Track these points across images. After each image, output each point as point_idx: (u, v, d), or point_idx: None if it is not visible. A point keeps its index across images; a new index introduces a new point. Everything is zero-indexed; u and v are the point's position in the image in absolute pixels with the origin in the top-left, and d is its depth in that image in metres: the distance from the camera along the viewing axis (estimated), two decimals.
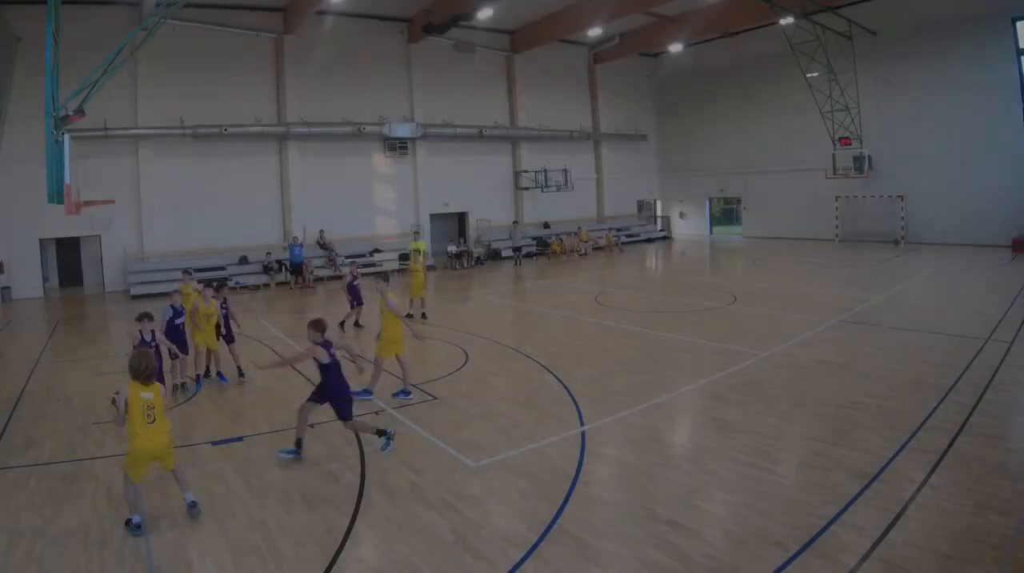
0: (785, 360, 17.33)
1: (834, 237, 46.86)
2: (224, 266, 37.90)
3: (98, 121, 33.31)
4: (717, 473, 10.65)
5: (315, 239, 40.50)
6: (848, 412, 13.10)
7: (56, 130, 17.96)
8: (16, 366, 20.33)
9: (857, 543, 8.30)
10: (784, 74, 47.20)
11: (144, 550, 8.95)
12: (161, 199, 37.44)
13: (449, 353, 19.87)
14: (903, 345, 18.45)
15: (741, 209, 55.87)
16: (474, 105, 48.09)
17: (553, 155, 51.00)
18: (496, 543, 8.84)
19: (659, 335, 20.67)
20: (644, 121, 59.21)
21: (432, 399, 15.42)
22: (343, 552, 8.79)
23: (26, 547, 9.06)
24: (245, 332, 20.95)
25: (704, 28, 46.40)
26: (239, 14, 38.60)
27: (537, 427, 13.19)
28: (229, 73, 39.09)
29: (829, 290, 28.26)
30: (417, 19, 43.18)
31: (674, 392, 15.12)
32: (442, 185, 46.69)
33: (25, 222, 33.67)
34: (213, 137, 37.96)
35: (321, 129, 40.81)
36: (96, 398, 16.11)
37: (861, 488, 9.76)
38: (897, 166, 43.80)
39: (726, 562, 8.09)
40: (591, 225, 53.31)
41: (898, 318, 22.02)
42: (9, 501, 10.54)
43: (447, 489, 10.55)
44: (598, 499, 10.07)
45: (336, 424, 12.69)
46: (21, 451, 12.82)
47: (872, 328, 20.72)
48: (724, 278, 34.80)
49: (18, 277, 34.97)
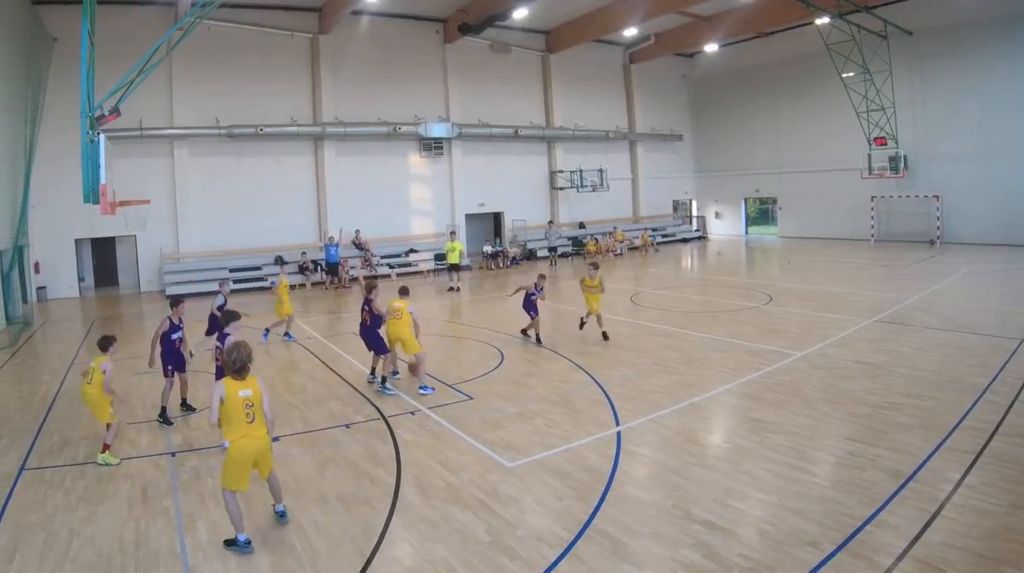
0: (821, 360, 17.29)
1: (870, 237, 46.60)
2: (259, 266, 38.19)
3: (134, 121, 33.81)
4: (752, 473, 10.63)
5: (351, 239, 40.63)
6: (884, 412, 13.06)
7: (92, 130, 17.97)
8: (52, 366, 20.56)
9: (893, 543, 8.28)
10: (819, 74, 47.17)
11: (179, 550, 9.00)
12: (196, 199, 37.82)
13: (485, 353, 19.97)
14: (939, 345, 18.32)
15: (776, 209, 55.64)
16: (509, 105, 48.19)
17: (588, 155, 51.07)
18: (531, 543, 8.84)
19: (695, 335, 20.65)
20: (679, 121, 59.13)
21: (468, 399, 15.47)
22: (378, 552, 8.81)
23: (62, 547, 9.13)
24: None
25: (739, 28, 46.34)
26: (275, 14, 38.94)
27: (573, 427, 13.21)
28: (264, 73, 39.38)
29: (865, 290, 28.09)
30: (453, 19, 43.45)
31: (710, 392, 15.10)
32: (478, 185, 46.84)
33: (61, 222, 34.07)
34: (249, 137, 38.29)
35: (357, 129, 41.00)
36: (132, 398, 16.24)
37: (897, 488, 9.74)
38: (933, 166, 43.64)
39: (761, 562, 8.08)
40: (627, 225, 53.39)
41: (934, 318, 21.86)
42: (45, 501, 10.64)
43: (482, 489, 10.57)
44: (633, 499, 10.03)
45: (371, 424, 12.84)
46: (57, 451, 12.95)
47: (908, 328, 20.62)
48: (759, 278, 34.59)
49: (54, 277, 35.36)
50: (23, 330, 26.56)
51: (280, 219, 40.08)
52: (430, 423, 13.82)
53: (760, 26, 47.38)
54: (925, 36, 42.86)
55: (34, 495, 10.86)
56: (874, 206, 46.48)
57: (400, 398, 15.59)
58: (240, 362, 8.99)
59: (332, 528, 9.50)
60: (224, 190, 38.58)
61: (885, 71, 42.70)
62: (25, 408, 15.99)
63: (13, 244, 28.75)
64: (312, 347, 21.69)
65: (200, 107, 37.44)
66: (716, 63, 56.74)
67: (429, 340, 22.28)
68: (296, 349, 21.49)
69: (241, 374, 9.01)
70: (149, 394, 16.50)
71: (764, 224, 58.96)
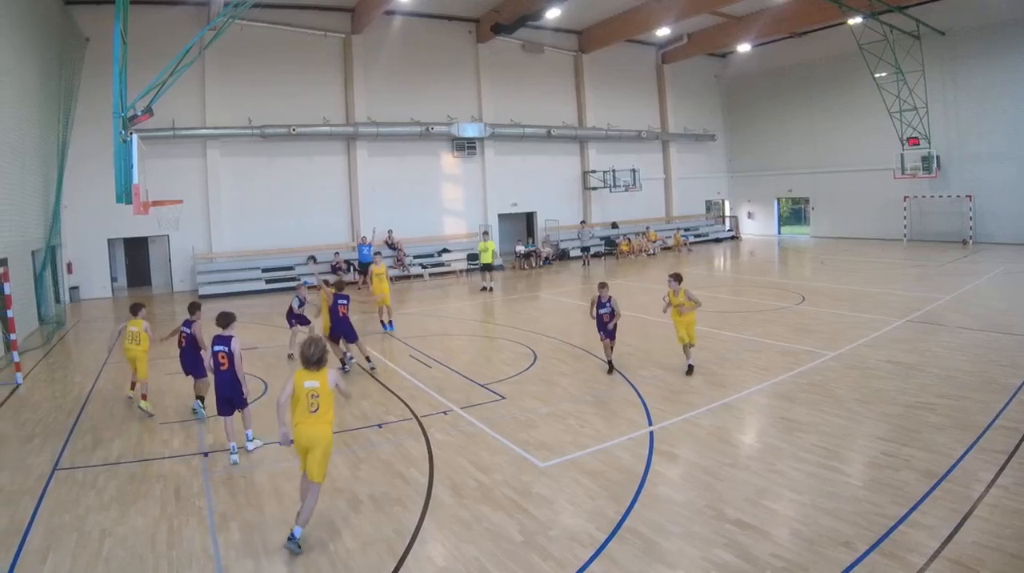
0: (853, 360, 17.27)
1: (902, 237, 46.43)
2: (292, 266, 38.36)
3: (166, 121, 34.22)
4: (785, 473, 10.67)
5: (383, 239, 40.76)
6: (916, 412, 13.07)
7: (124, 130, 18.10)
8: (85, 366, 20.76)
9: (925, 543, 8.30)
10: (852, 74, 47.09)
11: (212, 550, 9.08)
12: (229, 199, 38.13)
13: (517, 353, 20.05)
14: (972, 345, 18.28)
15: (809, 209, 55.38)
16: (542, 105, 48.23)
17: (621, 155, 51.06)
18: (564, 543, 8.89)
19: (727, 335, 20.64)
20: (712, 121, 59.04)
21: (500, 399, 15.56)
22: (411, 552, 8.88)
23: (94, 547, 9.20)
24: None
25: (772, 28, 46.20)
26: (307, 14, 39.19)
27: (605, 427, 13.29)
28: (297, 73, 39.59)
29: (897, 290, 27.99)
30: (485, 19, 43.56)
31: (742, 392, 15.14)
32: (510, 185, 46.93)
33: (94, 222, 34.37)
34: (281, 137, 38.51)
35: (389, 129, 41.16)
36: (164, 397, 16.51)
37: (929, 488, 9.76)
38: (965, 166, 43.45)
39: (794, 562, 8.11)
40: (659, 225, 53.35)
41: (967, 318, 21.76)
42: (77, 501, 10.73)
43: (515, 489, 10.65)
44: (666, 499, 10.07)
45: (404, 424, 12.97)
46: (89, 451, 13.07)
47: (941, 328, 20.55)
48: (792, 278, 34.50)
49: (87, 277, 35.68)
50: (56, 330, 26.74)
51: (312, 219, 40.32)
52: (463, 423, 13.91)
53: (793, 26, 47.24)
54: (958, 36, 42.63)
55: (67, 495, 10.97)
56: (907, 206, 46.29)
57: (432, 397, 15.71)
58: (316, 356, 9.52)
59: (365, 528, 9.59)
60: (256, 190, 38.85)
61: (918, 71, 42.46)
62: (58, 408, 16.14)
63: (46, 244, 28.99)
64: None
65: (233, 107, 37.72)
66: (749, 63, 56.57)
67: (462, 340, 22.53)
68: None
69: (315, 366, 9.50)
70: (181, 394, 16.73)
71: (797, 224, 58.76)
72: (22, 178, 25.97)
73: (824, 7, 38.61)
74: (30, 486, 11.33)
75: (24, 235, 25.78)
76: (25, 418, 15.40)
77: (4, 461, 12.58)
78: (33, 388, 18.23)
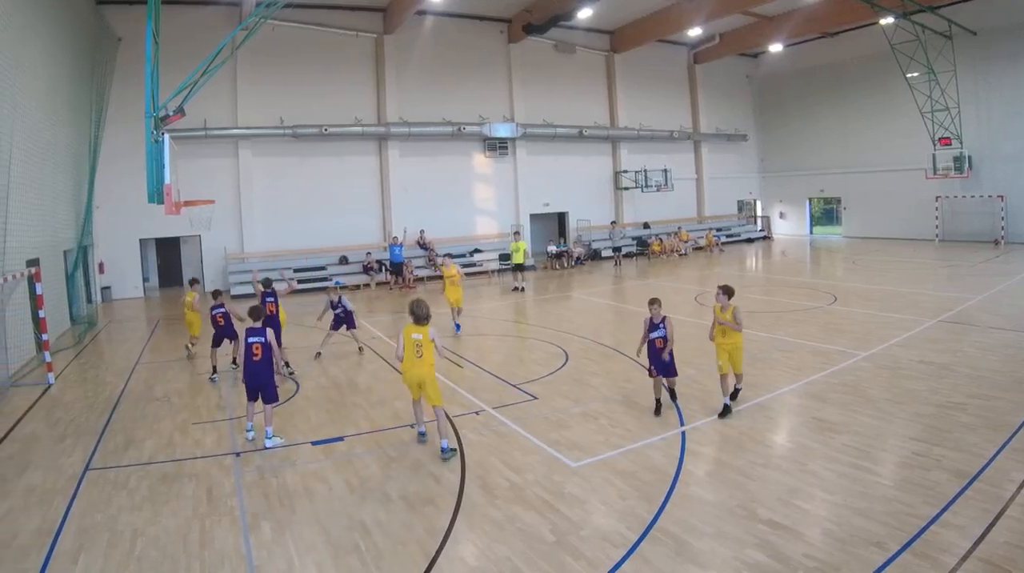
0: (885, 360, 17.26)
1: (934, 237, 46.17)
2: (324, 266, 38.67)
3: (198, 121, 34.50)
4: (817, 473, 10.70)
5: (415, 239, 40.95)
6: (948, 412, 13.08)
7: (156, 130, 18.12)
8: (116, 366, 20.92)
9: (957, 543, 8.32)
10: (883, 74, 46.93)
11: (244, 550, 9.16)
12: (260, 199, 38.41)
13: (549, 353, 20.12)
14: (1004, 345, 18.25)
15: (841, 209, 55.17)
16: (574, 105, 48.26)
17: (653, 155, 51.06)
18: (596, 543, 8.94)
19: (759, 335, 20.55)
20: (744, 121, 58.85)
21: (532, 399, 15.65)
22: (443, 552, 8.92)
23: (126, 547, 9.29)
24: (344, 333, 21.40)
25: (803, 28, 46.14)
26: (339, 14, 39.45)
27: (637, 427, 13.34)
28: (329, 73, 39.81)
29: (929, 290, 27.91)
30: (517, 19, 43.73)
31: (774, 392, 15.17)
32: (542, 185, 46.97)
33: (125, 222, 34.67)
34: (313, 137, 38.78)
35: (421, 129, 41.33)
36: (195, 398, 16.73)
37: (961, 488, 9.78)
38: (997, 166, 43.27)
39: (826, 562, 8.13)
40: (691, 225, 53.27)
41: (999, 318, 21.71)
42: (109, 501, 10.83)
43: (547, 489, 10.70)
44: (698, 499, 10.12)
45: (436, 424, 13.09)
46: (121, 451, 13.20)
47: (972, 328, 20.51)
48: (824, 278, 34.37)
49: (118, 277, 36.05)
50: (88, 330, 26.96)
51: (344, 219, 40.53)
52: (495, 423, 14.03)
53: (824, 26, 47.15)
54: (990, 36, 42.41)
55: (98, 495, 11.08)
56: (939, 206, 46.03)
57: (465, 397, 15.85)
58: (423, 314, 12.42)
59: (396, 527, 9.65)
60: (288, 190, 39.10)
61: (950, 71, 42.30)
62: (90, 408, 16.29)
63: (78, 244, 29.24)
64: (377, 347, 21.98)
65: (264, 107, 37.98)
66: (780, 63, 56.43)
67: (494, 340, 22.61)
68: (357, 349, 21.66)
69: (419, 323, 12.38)
70: (211, 396, 16.98)
71: (829, 224, 58.50)
72: (54, 178, 26.26)
73: (856, 7, 38.56)
74: (62, 486, 11.48)
75: (56, 235, 26.09)
76: (57, 418, 15.58)
77: (36, 461, 12.73)
78: (65, 388, 18.41)
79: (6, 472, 12.15)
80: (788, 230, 59.16)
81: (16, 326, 19.62)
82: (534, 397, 15.74)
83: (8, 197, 18.96)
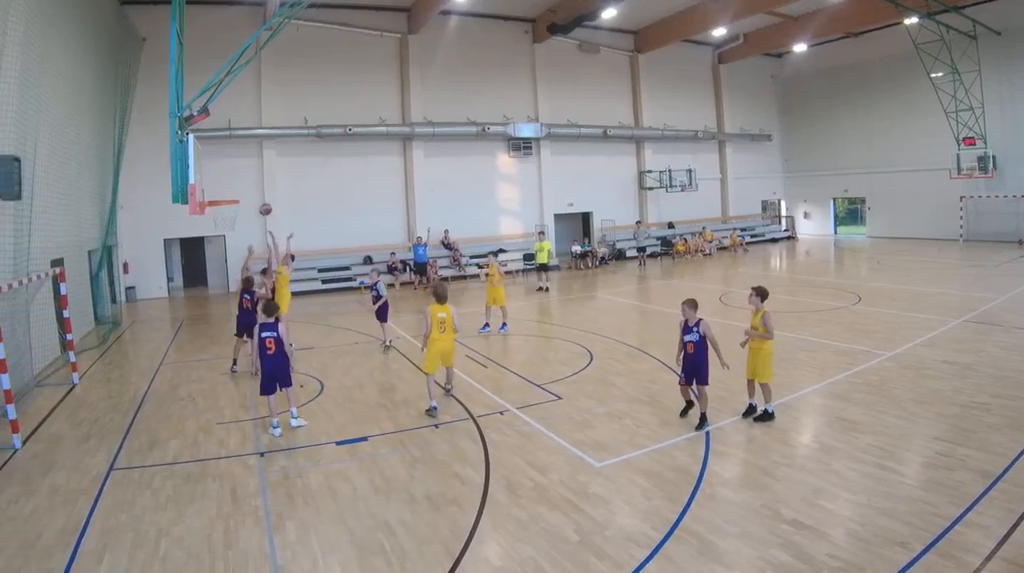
0: (909, 360, 17.26)
1: (959, 237, 45.88)
2: (348, 266, 38.84)
3: (222, 121, 34.62)
4: (841, 473, 10.72)
5: (440, 239, 41.02)
6: (973, 412, 13.07)
7: (180, 130, 18.14)
8: (141, 366, 21.05)
9: (981, 543, 8.34)
10: (908, 74, 46.66)
11: (268, 550, 9.21)
12: (285, 199, 38.47)
13: (573, 353, 20.17)
14: None
15: (865, 209, 54.97)
16: (598, 105, 48.17)
17: (677, 155, 50.94)
18: (620, 543, 8.97)
19: (783, 335, 20.33)
20: (768, 121, 58.63)
21: (556, 399, 15.69)
22: (467, 552, 8.95)
23: (150, 547, 9.35)
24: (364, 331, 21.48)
25: (828, 28, 45.98)
26: (363, 14, 39.53)
27: (661, 427, 13.38)
28: (353, 73, 39.89)
29: (954, 290, 27.82)
30: (541, 19, 43.71)
31: (798, 392, 15.21)
32: (566, 185, 46.92)
33: (150, 222, 34.84)
34: (337, 137, 38.87)
35: (446, 129, 41.36)
36: (219, 398, 16.83)
37: (985, 488, 9.79)
38: (1021, 166, 43.08)
39: (851, 562, 8.15)
40: (715, 225, 53.14)
41: (1023, 318, 21.63)
42: (134, 501, 10.88)
43: (571, 489, 10.74)
44: (722, 499, 10.16)
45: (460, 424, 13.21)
46: (146, 451, 13.26)
47: (997, 328, 20.45)
48: (848, 278, 34.26)
49: (143, 277, 36.24)
50: (112, 330, 27.02)
51: (368, 219, 40.59)
52: (519, 423, 14.05)
53: (849, 26, 47.01)
54: (1015, 36, 42.18)
55: (123, 495, 11.13)
56: (963, 206, 45.82)
57: (489, 398, 15.92)
58: (444, 294, 15.16)
59: (421, 527, 9.69)
60: (312, 190, 39.20)
61: (974, 71, 42.04)
62: (114, 408, 16.36)
63: (102, 244, 29.33)
64: (401, 347, 22.11)
65: (288, 107, 38.09)
66: (805, 63, 56.19)
67: (518, 340, 22.66)
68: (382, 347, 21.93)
69: (440, 302, 14.97)
70: (235, 395, 17.10)
71: (853, 224, 58.31)
72: (78, 178, 26.30)
73: (880, 7, 38.41)
74: (86, 486, 11.54)
75: (80, 235, 26.21)
76: (81, 418, 15.66)
77: (61, 461, 12.79)
78: (89, 388, 18.48)
79: (31, 472, 12.23)
80: (812, 230, 58.91)
81: (41, 326, 19.69)
82: (558, 397, 15.77)
83: (33, 197, 19.06)
